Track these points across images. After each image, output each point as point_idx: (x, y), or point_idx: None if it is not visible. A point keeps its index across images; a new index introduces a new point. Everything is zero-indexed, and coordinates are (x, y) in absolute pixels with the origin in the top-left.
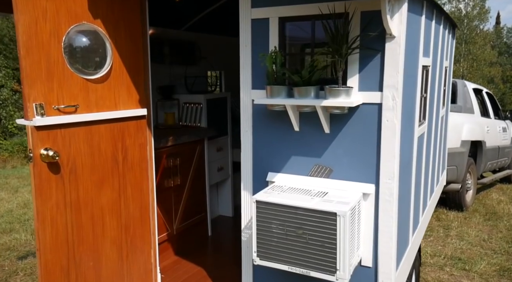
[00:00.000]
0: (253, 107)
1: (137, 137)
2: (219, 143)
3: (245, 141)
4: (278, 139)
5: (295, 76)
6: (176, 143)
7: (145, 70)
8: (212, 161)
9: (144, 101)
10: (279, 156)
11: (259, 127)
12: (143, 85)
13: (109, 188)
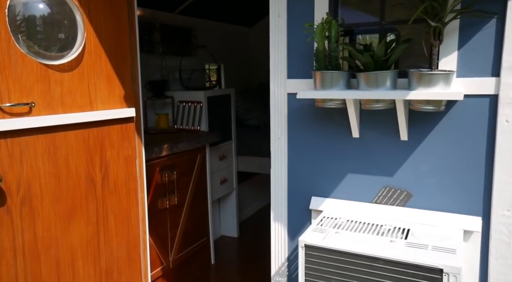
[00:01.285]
0: (289, 104)
1: (122, 147)
2: (222, 150)
3: (277, 152)
4: (328, 149)
5: (364, 56)
6: (171, 152)
7: (133, 56)
8: (215, 171)
9: (132, 97)
10: (328, 173)
11: (298, 133)
12: (131, 76)
13: (83, 220)
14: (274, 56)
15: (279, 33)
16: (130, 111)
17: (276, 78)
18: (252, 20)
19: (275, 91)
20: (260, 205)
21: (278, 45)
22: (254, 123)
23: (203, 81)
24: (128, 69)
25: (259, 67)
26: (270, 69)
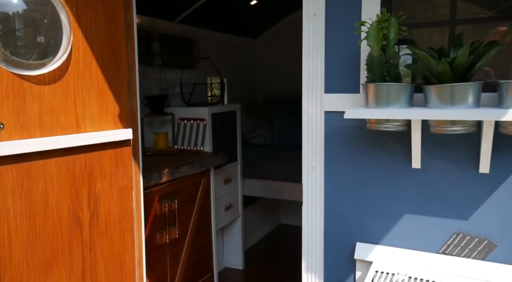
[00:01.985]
0: (327, 125)
1: (116, 177)
2: (227, 173)
3: (310, 185)
4: (378, 183)
5: (441, 63)
6: (173, 177)
7: (131, 67)
8: (219, 197)
9: (129, 116)
10: (378, 213)
11: (338, 162)
12: (127, 91)
13: (64, 271)
14: (307, 65)
15: (315, 36)
16: (127, 133)
17: (310, 93)
18: (257, 31)
19: (309, 109)
20: (266, 230)
21: (313, 51)
22: (260, 142)
23: (205, 97)
24: (125, 82)
25: (264, 82)
26: (302, 82)
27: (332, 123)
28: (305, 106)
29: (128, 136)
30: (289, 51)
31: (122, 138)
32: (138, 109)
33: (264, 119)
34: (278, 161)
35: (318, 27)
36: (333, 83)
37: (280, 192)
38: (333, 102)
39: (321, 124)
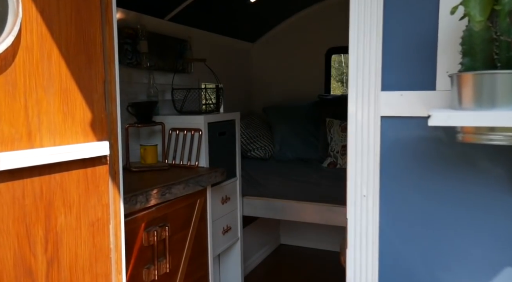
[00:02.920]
0: (385, 136)
1: (86, 207)
2: (225, 191)
3: (358, 220)
4: (465, 221)
5: None
6: (163, 199)
7: (108, 60)
8: (217, 219)
9: (105, 124)
10: (463, 265)
11: (402, 189)
12: (104, 92)
13: None
14: (356, 53)
15: (368, 11)
16: (102, 147)
17: (360, 92)
18: (255, 34)
19: (358, 114)
20: (266, 252)
21: (366, 32)
22: (260, 155)
23: (199, 104)
24: (100, 79)
25: (263, 88)
26: (349, 77)
27: (392, 133)
28: (352, 111)
29: (103, 151)
30: (290, 55)
31: (96, 155)
32: (119, 116)
33: (264, 130)
34: (280, 176)
35: (376, 4)
36: (394, 77)
37: (284, 212)
38: (395, 103)
39: (376, 135)
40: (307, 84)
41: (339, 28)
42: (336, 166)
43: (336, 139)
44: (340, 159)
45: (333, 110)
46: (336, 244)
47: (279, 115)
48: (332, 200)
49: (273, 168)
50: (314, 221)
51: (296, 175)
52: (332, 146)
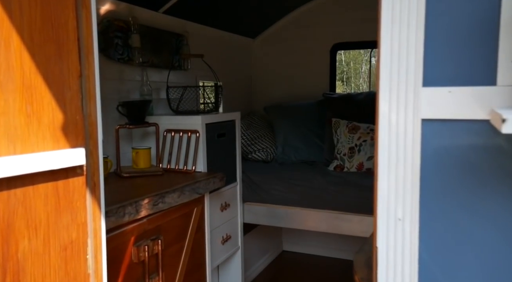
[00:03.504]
0: (427, 144)
1: (56, 227)
2: (224, 197)
3: (391, 249)
4: None
5: None
6: (156, 209)
7: (85, 50)
8: (215, 228)
9: (81, 128)
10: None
11: (449, 211)
12: (79, 88)
13: None
14: (389, 39)
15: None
16: (76, 155)
17: (395, 88)
18: (256, 29)
19: (391, 116)
20: (268, 259)
21: (401, 11)
22: (261, 157)
23: (196, 103)
24: (74, 74)
25: (264, 87)
26: (380, 70)
27: (436, 140)
28: (384, 112)
29: (78, 160)
30: (293, 52)
31: (68, 164)
32: (99, 118)
33: (265, 130)
34: (284, 180)
35: None
36: (439, 69)
37: (288, 220)
38: (440, 102)
39: (415, 142)
40: (311, 82)
41: (345, 23)
42: (343, 169)
43: (343, 141)
44: (347, 162)
45: (339, 110)
46: (342, 251)
47: (282, 115)
48: (340, 207)
49: (276, 171)
50: (320, 229)
51: (301, 179)
52: (338, 148)
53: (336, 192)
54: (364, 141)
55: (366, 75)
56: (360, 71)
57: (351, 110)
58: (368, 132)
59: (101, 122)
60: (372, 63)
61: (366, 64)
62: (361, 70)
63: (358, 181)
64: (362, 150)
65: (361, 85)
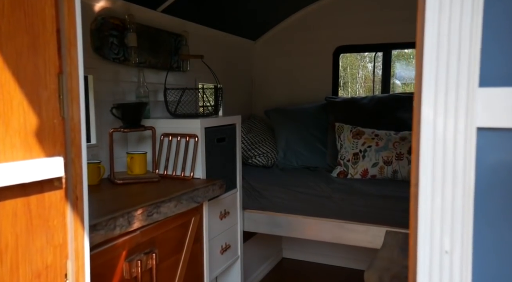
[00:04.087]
0: (485, 160)
1: (27, 251)
2: (224, 204)
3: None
4: None
5: None
6: (150, 221)
7: (68, 44)
8: (214, 237)
9: (60, 133)
10: None
11: None
12: (58, 88)
13: None
14: (437, 23)
15: None
16: (53, 166)
17: (443, 87)
18: (257, 31)
19: (437, 122)
20: (267, 267)
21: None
22: (261, 162)
23: (195, 106)
24: (52, 71)
25: (265, 90)
26: (422, 67)
27: (496, 154)
28: (429, 119)
29: (56, 171)
30: (295, 54)
31: (43, 177)
32: (82, 122)
33: (266, 135)
34: (285, 186)
35: None
36: (501, 65)
37: (290, 228)
38: (502, 106)
39: (469, 156)
40: (313, 85)
41: (349, 25)
42: (347, 175)
43: (346, 146)
44: (351, 168)
45: (342, 115)
46: (343, 259)
47: (283, 119)
48: (345, 216)
49: (277, 177)
50: (323, 239)
51: (304, 186)
52: (342, 154)
53: (341, 200)
54: (369, 146)
55: (363, 80)
56: (357, 76)
57: (355, 115)
58: (373, 137)
59: (84, 126)
60: (369, 69)
61: (362, 69)
62: (357, 76)
63: (364, 189)
64: (366, 156)
65: (358, 90)
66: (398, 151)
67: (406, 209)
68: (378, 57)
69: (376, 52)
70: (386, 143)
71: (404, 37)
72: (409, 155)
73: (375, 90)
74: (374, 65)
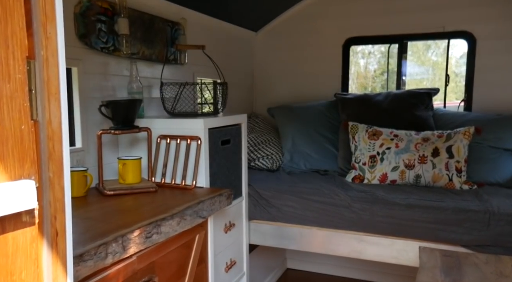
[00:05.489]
0: None
1: None
2: (229, 215)
3: None
4: None
5: None
6: (148, 244)
7: (42, 26)
8: (219, 253)
9: (30, 147)
10: None
11: None
12: (26, 81)
13: None
14: None
15: None
16: (18, 194)
17: None
18: (258, 21)
19: None
20: (272, 279)
21: None
22: (266, 165)
23: (194, 104)
24: (18, 55)
25: (267, 86)
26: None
27: None
28: None
29: (24, 202)
30: (301, 47)
31: (4, 213)
32: (64, 125)
33: (270, 135)
34: (297, 194)
35: None
36: None
37: (301, 241)
38: None
39: None
40: (320, 81)
41: (360, 14)
42: (363, 180)
43: (362, 148)
44: (368, 172)
45: (355, 113)
46: (351, 270)
47: (288, 117)
48: (365, 228)
49: (286, 183)
50: (341, 253)
51: (318, 193)
52: (357, 156)
53: (361, 210)
54: (388, 148)
55: (355, 77)
56: (349, 73)
57: (369, 113)
58: (391, 138)
59: (67, 131)
60: (361, 65)
61: (355, 65)
62: (350, 72)
63: (388, 197)
64: (385, 158)
65: (350, 87)
66: (420, 153)
67: (436, 220)
68: (372, 53)
69: (391, 44)
70: (407, 144)
71: (422, 28)
72: (433, 157)
73: (360, 87)
74: (388, 58)
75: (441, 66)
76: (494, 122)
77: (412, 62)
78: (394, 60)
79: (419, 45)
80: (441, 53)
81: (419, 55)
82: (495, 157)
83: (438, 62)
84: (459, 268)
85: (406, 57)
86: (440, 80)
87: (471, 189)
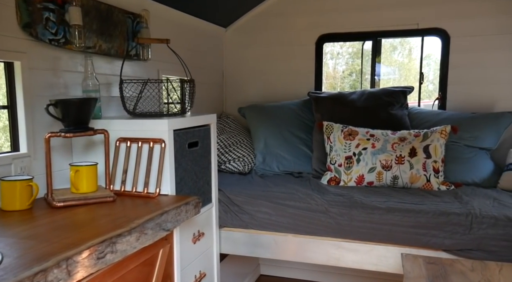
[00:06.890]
0: None
1: None
2: (197, 224)
3: None
4: None
5: None
6: (101, 265)
7: None
8: (187, 266)
9: None
10: None
11: None
12: None
13: None
14: None
15: None
16: None
17: None
18: (228, 16)
19: None
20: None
21: None
22: (237, 168)
23: (157, 103)
24: None
25: (238, 84)
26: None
27: None
28: None
29: None
30: (273, 43)
31: None
32: None
33: (241, 136)
34: (271, 199)
35: None
36: None
37: (275, 249)
38: None
39: None
40: (293, 79)
41: (333, 10)
42: (339, 182)
43: (337, 148)
44: (344, 174)
45: (329, 112)
46: (327, 274)
47: (260, 117)
48: (343, 233)
49: (259, 187)
50: (318, 261)
51: (293, 198)
52: (332, 157)
53: (339, 215)
54: (364, 148)
55: (324, 77)
56: (323, 70)
57: (343, 112)
58: (368, 138)
59: None
60: (329, 65)
61: (324, 66)
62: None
63: (366, 200)
64: (361, 159)
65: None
66: (397, 153)
67: (416, 224)
68: (340, 53)
69: (364, 41)
70: (383, 144)
71: (396, 25)
72: (410, 157)
73: (330, 86)
74: (362, 56)
75: (407, 67)
76: (470, 121)
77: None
78: (366, 59)
79: (386, 45)
80: (407, 54)
81: (386, 56)
82: (471, 156)
83: (404, 62)
84: (445, 277)
85: (380, 54)
86: (406, 80)
87: (449, 190)
